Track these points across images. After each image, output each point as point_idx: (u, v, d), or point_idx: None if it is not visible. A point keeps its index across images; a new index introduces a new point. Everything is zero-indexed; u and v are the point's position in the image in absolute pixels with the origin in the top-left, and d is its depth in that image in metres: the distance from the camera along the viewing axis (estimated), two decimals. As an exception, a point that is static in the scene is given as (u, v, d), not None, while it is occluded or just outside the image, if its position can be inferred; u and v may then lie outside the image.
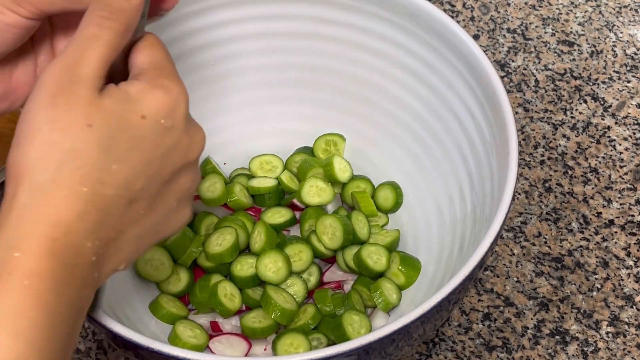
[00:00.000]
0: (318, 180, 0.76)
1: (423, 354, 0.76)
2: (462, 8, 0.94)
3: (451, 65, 0.71)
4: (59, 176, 0.47)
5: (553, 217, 0.82)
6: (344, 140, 0.80)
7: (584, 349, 0.76)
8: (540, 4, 0.95)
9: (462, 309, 0.77)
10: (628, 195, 0.83)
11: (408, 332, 0.59)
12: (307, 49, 0.78)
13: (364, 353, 0.58)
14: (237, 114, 0.80)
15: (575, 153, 0.85)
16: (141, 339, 0.58)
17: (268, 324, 0.71)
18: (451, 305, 0.63)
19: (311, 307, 0.72)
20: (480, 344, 0.76)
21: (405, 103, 0.77)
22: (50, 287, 0.46)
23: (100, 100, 0.48)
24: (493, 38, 0.92)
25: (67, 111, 0.48)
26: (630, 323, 0.77)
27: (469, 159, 0.72)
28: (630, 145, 0.86)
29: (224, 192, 0.76)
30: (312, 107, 0.81)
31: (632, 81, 0.90)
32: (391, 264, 0.74)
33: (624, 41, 0.92)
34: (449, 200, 0.74)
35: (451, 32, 0.69)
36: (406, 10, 0.71)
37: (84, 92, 0.48)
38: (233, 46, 0.77)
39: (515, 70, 0.90)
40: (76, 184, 0.47)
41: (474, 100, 0.70)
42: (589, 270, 0.79)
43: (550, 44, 0.92)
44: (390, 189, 0.78)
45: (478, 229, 0.68)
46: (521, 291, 0.78)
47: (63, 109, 0.48)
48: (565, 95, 0.89)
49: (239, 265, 0.74)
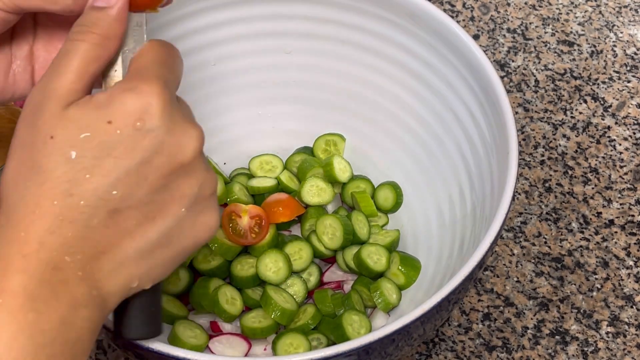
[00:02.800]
0: (318, 180, 0.76)
1: (423, 354, 0.76)
2: (462, 8, 0.94)
3: (451, 65, 0.71)
4: (27, 193, 0.47)
5: (553, 217, 0.82)
6: (344, 140, 0.80)
7: (584, 349, 0.76)
8: (540, 4, 0.95)
9: (462, 309, 0.77)
10: (628, 195, 0.83)
11: (408, 332, 0.59)
12: (307, 49, 0.78)
13: (364, 353, 0.58)
14: (237, 114, 0.80)
15: (575, 153, 0.85)
16: (141, 339, 0.58)
17: (268, 324, 0.71)
18: (451, 305, 0.63)
19: (311, 307, 0.72)
20: (480, 344, 0.76)
21: (405, 103, 0.76)
22: (27, 305, 0.45)
23: (65, 111, 0.48)
24: (493, 38, 0.92)
25: (32, 127, 0.48)
26: (630, 323, 0.77)
27: (469, 159, 0.72)
28: (630, 145, 0.86)
29: (223, 191, 0.76)
30: (312, 107, 0.81)
31: (632, 81, 0.90)
32: (391, 264, 0.74)
33: (624, 41, 0.92)
34: (449, 200, 0.74)
35: (451, 32, 0.69)
36: (406, 10, 0.71)
37: (50, 106, 0.48)
38: (233, 46, 0.77)
39: (515, 70, 0.90)
40: (43, 199, 0.47)
41: (474, 100, 0.70)
42: (589, 270, 0.79)
43: (550, 44, 0.92)
44: (390, 189, 0.78)
45: (478, 229, 0.68)
46: (521, 291, 0.78)
47: (30, 126, 0.48)
48: (565, 95, 0.89)
49: (239, 265, 0.74)
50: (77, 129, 0.47)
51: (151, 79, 0.49)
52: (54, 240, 0.46)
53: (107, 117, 0.48)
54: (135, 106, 0.48)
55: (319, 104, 0.80)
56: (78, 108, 0.48)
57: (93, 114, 0.48)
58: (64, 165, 0.47)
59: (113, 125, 0.48)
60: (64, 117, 0.47)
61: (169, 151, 0.49)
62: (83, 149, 0.47)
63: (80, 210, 0.47)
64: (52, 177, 0.47)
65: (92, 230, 0.47)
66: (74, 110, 0.48)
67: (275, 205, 0.75)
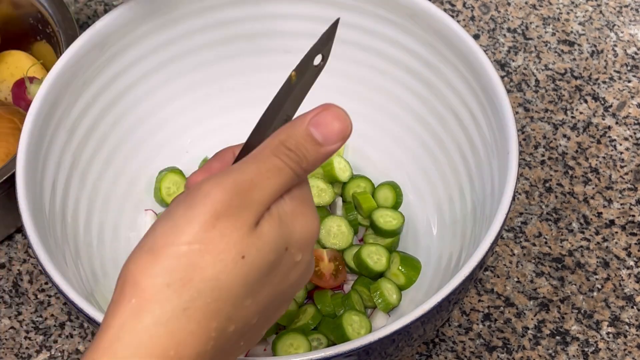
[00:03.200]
0: (319, 181, 0.76)
1: (423, 354, 0.76)
2: (462, 8, 0.94)
3: (451, 65, 0.71)
4: (192, 305, 0.42)
5: (553, 217, 0.82)
6: (344, 140, 0.80)
7: (584, 349, 0.76)
8: (540, 4, 0.95)
9: (462, 309, 0.77)
10: (628, 196, 0.83)
11: (408, 332, 0.59)
12: (307, 49, 0.78)
13: (364, 353, 0.58)
14: (237, 114, 0.80)
15: (576, 153, 0.85)
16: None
17: (268, 324, 0.71)
18: (451, 305, 0.63)
19: (311, 308, 0.72)
20: (481, 345, 0.76)
21: (405, 103, 0.76)
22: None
23: (259, 229, 0.44)
24: (493, 38, 0.92)
25: (223, 236, 0.43)
26: (631, 323, 0.77)
27: (469, 159, 0.72)
28: (631, 145, 0.86)
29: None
30: (312, 107, 0.80)
31: (633, 81, 0.90)
32: (391, 264, 0.74)
33: (625, 41, 0.92)
34: (449, 200, 0.74)
35: (451, 32, 0.69)
36: (406, 10, 0.71)
37: (247, 219, 0.44)
38: (233, 46, 0.77)
39: (515, 70, 0.90)
40: (207, 319, 0.43)
41: (474, 100, 0.70)
42: (590, 271, 0.79)
43: (550, 44, 0.92)
44: (390, 188, 0.78)
45: (478, 229, 0.68)
46: (521, 291, 0.78)
47: (221, 232, 0.43)
48: (566, 95, 0.89)
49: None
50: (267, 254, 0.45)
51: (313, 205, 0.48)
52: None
53: (286, 243, 0.46)
54: (307, 239, 0.47)
55: (319, 104, 0.80)
56: (270, 228, 0.45)
57: (280, 237, 0.45)
58: (240, 288, 0.44)
59: (287, 252, 0.46)
60: (259, 237, 0.44)
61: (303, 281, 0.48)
62: (261, 274, 0.45)
63: (228, 336, 0.44)
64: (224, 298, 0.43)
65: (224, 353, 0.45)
66: (268, 229, 0.45)
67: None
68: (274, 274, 0.45)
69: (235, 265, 0.43)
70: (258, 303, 0.45)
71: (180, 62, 0.77)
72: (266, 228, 0.45)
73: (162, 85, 0.77)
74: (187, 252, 0.43)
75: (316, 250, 0.74)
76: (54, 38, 0.83)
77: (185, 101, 0.79)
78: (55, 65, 0.69)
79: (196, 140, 0.80)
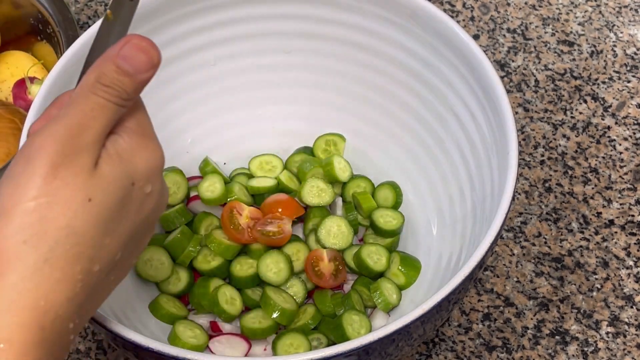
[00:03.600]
0: (319, 180, 0.76)
1: (423, 354, 0.76)
2: (462, 8, 0.94)
3: (451, 65, 0.71)
4: (52, 255, 0.44)
5: (553, 217, 0.82)
6: (344, 140, 0.80)
7: (584, 349, 0.76)
8: (540, 4, 0.95)
9: (462, 309, 0.77)
10: (628, 195, 0.83)
11: (408, 332, 0.59)
12: (307, 49, 0.78)
13: (364, 353, 0.58)
14: (237, 114, 0.80)
15: (575, 153, 0.85)
16: (141, 339, 0.58)
17: (268, 324, 0.71)
18: (451, 305, 0.63)
19: (311, 307, 0.72)
20: (480, 344, 0.76)
21: (405, 103, 0.76)
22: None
23: (99, 170, 0.46)
24: (493, 38, 0.92)
25: (67, 184, 0.45)
26: (630, 323, 0.77)
27: (469, 159, 0.72)
28: (630, 145, 0.86)
29: (223, 192, 0.76)
30: (312, 107, 0.81)
31: (632, 81, 0.90)
32: (391, 264, 0.74)
33: (624, 41, 0.92)
34: (449, 200, 0.74)
35: (451, 32, 0.69)
36: (406, 10, 0.71)
37: (85, 162, 0.45)
38: (233, 46, 0.77)
39: (515, 70, 0.90)
40: (70, 265, 0.45)
41: (474, 100, 0.70)
42: (589, 271, 0.79)
43: (550, 44, 0.92)
44: (390, 189, 0.78)
45: (478, 229, 0.68)
46: (521, 291, 0.78)
47: (63, 181, 0.45)
48: (565, 95, 0.89)
49: (238, 265, 0.73)
50: (113, 192, 0.46)
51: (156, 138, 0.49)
52: (69, 309, 0.45)
53: (132, 178, 0.47)
54: (152, 168, 0.48)
55: (319, 104, 0.80)
56: (109, 167, 0.46)
57: (123, 174, 0.47)
58: (96, 229, 0.45)
59: (134, 187, 0.47)
60: (101, 178, 0.46)
61: (159, 211, 0.50)
62: (114, 212, 0.46)
63: (95, 275, 0.46)
64: (83, 241, 0.45)
65: (94, 293, 0.47)
66: (107, 169, 0.46)
67: (274, 206, 0.75)
68: (127, 209, 0.47)
69: (84, 209, 0.45)
70: (118, 239, 0.47)
71: (180, 62, 0.77)
72: (106, 168, 0.46)
73: (162, 86, 0.77)
74: (35, 207, 0.44)
75: (316, 250, 0.74)
76: (54, 38, 0.84)
77: (185, 101, 0.79)
78: (56, 65, 0.69)
79: (196, 140, 0.80)
